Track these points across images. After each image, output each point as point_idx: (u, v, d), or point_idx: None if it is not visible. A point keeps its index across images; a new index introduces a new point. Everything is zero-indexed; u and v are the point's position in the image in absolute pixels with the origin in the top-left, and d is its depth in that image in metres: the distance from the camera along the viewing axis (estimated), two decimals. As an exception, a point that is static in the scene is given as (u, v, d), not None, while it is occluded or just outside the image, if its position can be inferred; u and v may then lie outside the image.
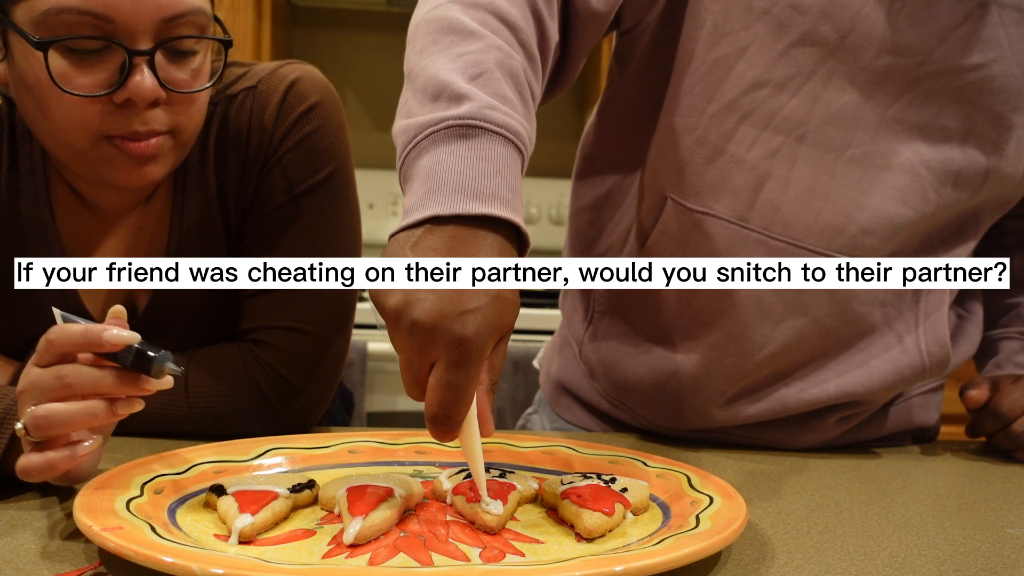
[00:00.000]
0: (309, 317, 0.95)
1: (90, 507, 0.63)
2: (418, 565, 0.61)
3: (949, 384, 1.14)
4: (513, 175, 0.67)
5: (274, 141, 0.95)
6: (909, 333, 0.97)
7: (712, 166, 0.93)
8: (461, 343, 0.60)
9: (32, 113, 0.84)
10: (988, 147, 0.92)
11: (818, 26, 0.88)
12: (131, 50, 0.80)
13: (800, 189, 0.92)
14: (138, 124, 0.82)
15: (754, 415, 0.99)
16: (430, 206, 0.64)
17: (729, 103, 0.91)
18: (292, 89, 0.96)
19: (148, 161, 0.85)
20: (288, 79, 0.96)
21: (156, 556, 0.55)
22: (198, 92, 0.86)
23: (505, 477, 0.75)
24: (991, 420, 1.03)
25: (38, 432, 0.66)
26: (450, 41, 0.74)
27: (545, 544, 0.66)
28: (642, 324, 1.03)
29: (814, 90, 0.89)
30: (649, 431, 1.07)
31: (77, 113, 0.81)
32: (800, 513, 0.79)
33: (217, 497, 0.69)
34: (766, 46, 0.89)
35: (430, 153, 0.67)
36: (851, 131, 0.90)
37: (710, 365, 0.98)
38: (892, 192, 0.91)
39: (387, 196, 2.83)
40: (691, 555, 0.59)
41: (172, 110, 0.84)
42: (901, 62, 0.89)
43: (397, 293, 0.62)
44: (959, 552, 0.71)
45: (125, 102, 0.82)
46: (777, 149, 0.91)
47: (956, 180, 0.92)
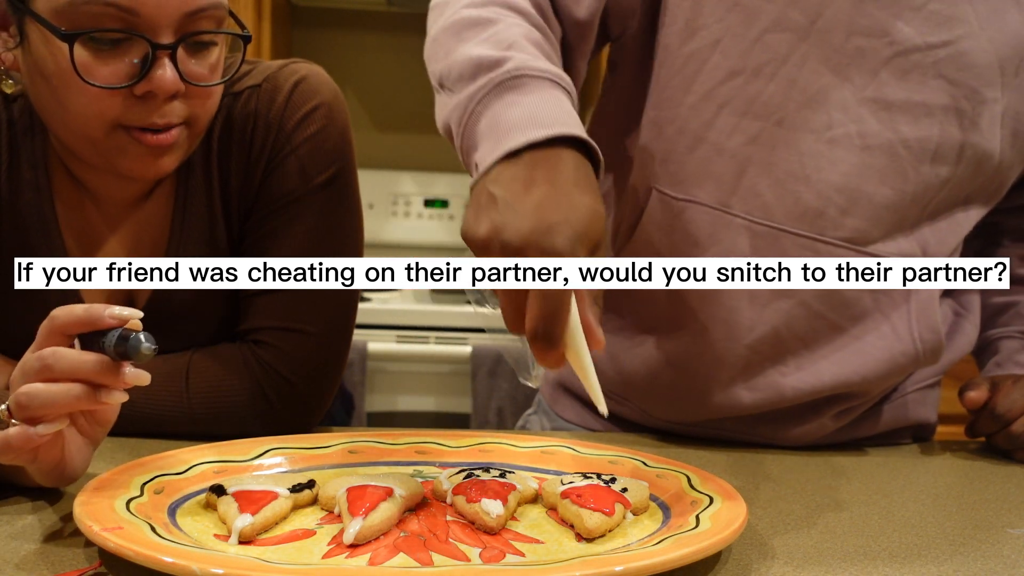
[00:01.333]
0: (310, 317, 0.95)
1: (90, 507, 0.63)
2: (418, 565, 0.61)
3: (948, 384, 1.13)
4: (569, 107, 0.70)
5: (279, 140, 0.95)
6: (900, 319, 0.98)
7: (694, 155, 0.94)
8: (553, 255, 0.61)
9: (46, 101, 0.84)
10: (965, 122, 0.93)
11: (787, 12, 0.90)
12: (154, 43, 0.79)
13: (780, 173, 0.93)
14: (156, 116, 0.82)
15: (750, 405, 0.99)
16: (502, 146, 0.66)
17: (706, 93, 0.93)
18: (298, 88, 0.96)
19: (163, 152, 0.85)
20: (293, 78, 0.96)
21: (156, 556, 0.55)
22: (217, 86, 0.86)
23: (505, 477, 0.75)
24: (990, 420, 1.03)
25: (20, 412, 0.65)
26: (472, 33, 0.77)
27: (545, 544, 0.66)
28: (634, 317, 1.04)
29: (789, 74, 0.91)
30: (650, 427, 1.07)
31: (96, 104, 0.81)
32: (800, 513, 0.79)
33: (217, 497, 0.69)
34: (738, 35, 0.91)
35: (486, 114, 0.69)
36: (830, 112, 0.91)
37: (701, 351, 0.98)
38: (871, 172, 0.93)
39: (387, 196, 2.83)
40: (691, 555, 0.59)
41: (189, 102, 0.85)
42: (872, 43, 0.90)
43: (484, 224, 0.64)
44: (959, 552, 0.71)
45: (145, 94, 0.81)
46: (757, 135, 0.92)
47: (933, 156, 0.93)
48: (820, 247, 0.94)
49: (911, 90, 0.91)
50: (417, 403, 2.28)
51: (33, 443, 0.66)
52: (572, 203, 0.63)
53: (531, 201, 0.62)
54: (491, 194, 0.64)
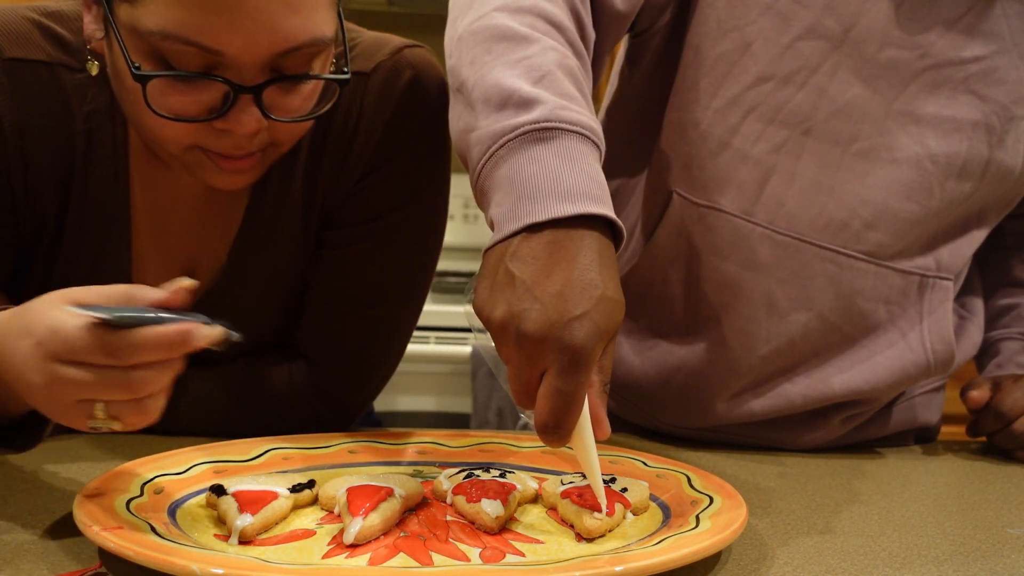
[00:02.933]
0: (371, 346, 0.94)
1: (90, 507, 0.63)
2: (418, 565, 0.61)
3: (950, 384, 1.13)
4: (597, 171, 0.67)
5: (382, 151, 0.87)
6: (913, 330, 0.98)
7: (717, 160, 0.93)
8: (571, 351, 0.59)
9: (125, 103, 0.77)
10: (993, 138, 0.92)
11: (822, 19, 0.88)
12: (236, 86, 0.71)
13: (805, 183, 0.92)
14: (233, 148, 0.76)
15: (759, 412, 0.99)
16: (523, 215, 0.63)
17: (734, 97, 0.91)
18: (411, 89, 0.88)
19: (242, 172, 0.79)
20: (408, 74, 0.88)
21: (156, 556, 0.55)
22: (305, 120, 0.78)
23: (505, 477, 0.75)
24: (992, 419, 1.03)
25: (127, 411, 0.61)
26: (504, 48, 0.73)
27: (545, 544, 0.66)
28: (647, 321, 1.03)
29: (820, 83, 0.89)
30: (653, 430, 1.07)
31: (169, 129, 0.74)
32: (800, 513, 0.79)
33: (217, 497, 0.69)
34: (771, 40, 0.89)
35: (509, 161, 0.66)
36: (858, 124, 0.90)
37: (715, 359, 0.98)
38: (897, 187, 0.92)
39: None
40: (691, 555, 0.59)
41: (274, 133, 0.77)
42: (904, 55, 0.89)
43: (501, 305, 0.61)
44: (959, 552, 0.71)
45: (224, 129, 0.74)
46: (783, 143, 0.91)
47: (960, 172, 0.92)
48: (842, 260, 0.93)
49: (941, 104, 0.90)
50: (417, 403, 2.28)
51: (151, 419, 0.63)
52: (594, 295, 0.61)
53: (552, 288, 0.60)
54: (509, 272, 0.62)
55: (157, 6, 0.69)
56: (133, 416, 0.62)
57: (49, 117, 0.81)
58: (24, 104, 0.79)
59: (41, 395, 0.62)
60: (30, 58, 0.79)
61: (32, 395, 0.63)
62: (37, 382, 0.61)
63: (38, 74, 0.80)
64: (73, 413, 0.62)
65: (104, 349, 0.59)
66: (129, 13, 0.70)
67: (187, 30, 0.68)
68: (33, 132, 0.80)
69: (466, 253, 2.63)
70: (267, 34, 0.70)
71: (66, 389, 0.60)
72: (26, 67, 0.79)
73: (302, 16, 0.71)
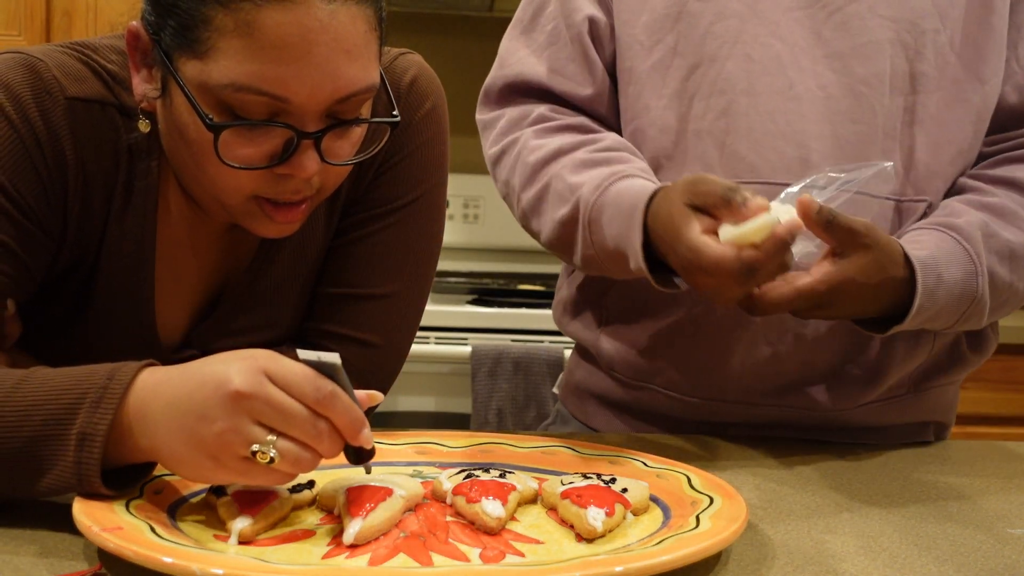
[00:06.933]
0: (379, 328, 0.94)
1: (90, 508, 0.63)
2: (418, 565, 0.61)
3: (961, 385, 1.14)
4: None
5: (392, 145, 0.90)
6: None
7: (679, 147, 1.01)
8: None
9: (182, 159, 0.80)
10: (910, 52, 0.98)
11: (727, 4, 0.99)
12: (301, 132, 0.75)
13: (757, 135, 0.98)
14: (290, 193, 0.79)
15: (771, 357, 1.00)
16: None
17: (675, 91, 1.01)
18: (412, 90, 0.92)
19: (292, 223, 0.82)
20: (407, 76, 0.92)
21: (156, 556, 0.55)
22: (354, 163, 0.83)
23: (505, 477, 0.75)
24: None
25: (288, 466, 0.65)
26: (556, 203, 0.99)
27: (545, 544, 0.66)
28: (647, 293, 1.03)
29: (743, 51, 0.98)
30: (676, 416, 1.06)
31: (234, 179, 0.77)
32: (800, 513, 0.79)
33: (217, 497, 0.69)
34: (688, 36, 1.00)
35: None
36: (789, 74, 0.98)
37: (720, 317, 1.00)
38: (841, 116, 0.97)
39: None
40: (691, 555, 0.59)
41: (325, 177, 0.81)
42: (808, 12, 0.98)
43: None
44: (959, 552, 0.71)
45: (285, 174, 0.78)
46: (727, 107, 0.99)
47: (892, 87, 0.98)
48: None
49: (856, 35, 0.97)
50: (417, 403, 2.28)
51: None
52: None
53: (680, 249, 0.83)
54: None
55: (229, 60, 0.72)
56: (293, 457, 0.65)
57: (103, 155, 0.83)
58: (83, 143, 0.81)
59: (214, 439, 0.65)
60: (87, 97, 0.81)
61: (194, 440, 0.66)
62: (214, 428, 0.64)
63: (92, 112, 0.81)
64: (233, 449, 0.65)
65: (315, 385, 0.65)
66: (199, 69, 0.73)
67: (259, 81, 0.72)
68: (91, 168, 0.82)
69: (466, 253, 2.63)
70: (331, 82, 0.74)
71: (249, 431, 0.64)
72: (84, 106, 0.81)
73: (359, 65, 0.75)
